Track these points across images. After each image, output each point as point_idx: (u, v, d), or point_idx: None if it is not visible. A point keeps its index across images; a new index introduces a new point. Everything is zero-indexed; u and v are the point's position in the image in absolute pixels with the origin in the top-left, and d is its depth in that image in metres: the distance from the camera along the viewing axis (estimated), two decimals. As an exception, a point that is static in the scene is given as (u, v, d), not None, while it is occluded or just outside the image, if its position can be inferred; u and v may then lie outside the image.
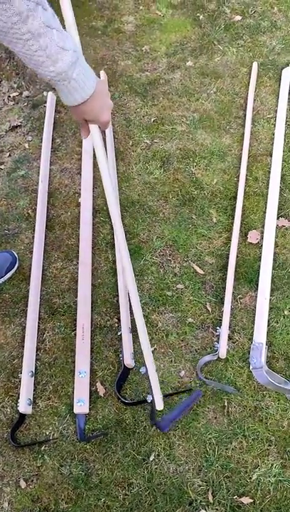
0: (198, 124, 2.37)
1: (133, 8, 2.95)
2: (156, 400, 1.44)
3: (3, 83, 2.73)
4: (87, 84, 0.97)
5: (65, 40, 0.89)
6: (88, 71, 0.97)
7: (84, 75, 0.95)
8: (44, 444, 1.58)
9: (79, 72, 0.93)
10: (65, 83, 0.93)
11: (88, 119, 1.09)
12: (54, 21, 0.87)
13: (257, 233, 2.01)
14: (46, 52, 0.87)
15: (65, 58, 0.89)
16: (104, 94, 1.07)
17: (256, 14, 2.86)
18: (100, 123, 1.11)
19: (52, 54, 0.87)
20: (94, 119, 1.08)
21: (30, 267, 1.93)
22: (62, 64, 0.89)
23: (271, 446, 1.56)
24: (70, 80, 0.93)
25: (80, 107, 1.02)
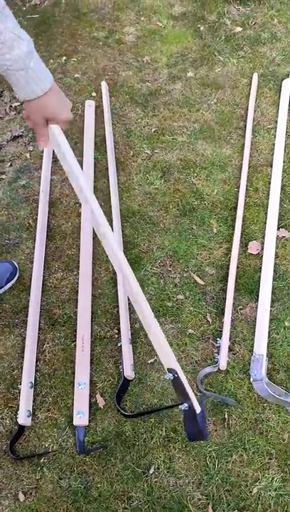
0: (199, 135, 2.38)
1: (134, 20, 2.98)
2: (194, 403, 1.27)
3: (4, 93, 2.75)
4: (45, 76, 0.96)
5: (20, 30, 0.89)
6: (44, 65, 0.95)
7: (40, 66, 0.94)
8: (43, 457, 1.57)
9: (36, 63, 0.92)
10: (22, 73, 0.91)
11: (49, 117, 1.05)
12: (7, 9, 0.87)
13: (258, 244, 2.01)
14: (1, 39, 0.86)
15: (22, 46, 0.89)
16: (61, 92, 1.04)
17: (256, 26, 2.88)
18: (61, 121, 1.07)
19: (7, 40, 0.87)
20: (55, 115, 1.04)
21: (30, 277, 1.93)
22: (18, 51, 0.88)
23: (271, 459, 1.55)
24: (28, 69, 0.91)
25: (41, 101, 0.98)
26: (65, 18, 3.00)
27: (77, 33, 2.92)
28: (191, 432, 1.28)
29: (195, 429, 1.25)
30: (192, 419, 1.24)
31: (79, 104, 2.54)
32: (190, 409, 1.21)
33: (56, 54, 2.79)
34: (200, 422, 1.21)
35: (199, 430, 1.24)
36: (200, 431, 1.24)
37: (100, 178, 2.24)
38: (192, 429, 1.26)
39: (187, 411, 1.22)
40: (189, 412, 1.22)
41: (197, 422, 1.23)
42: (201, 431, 1.23)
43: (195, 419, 1.22)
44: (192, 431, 1.27)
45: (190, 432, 1.28)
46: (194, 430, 1.26)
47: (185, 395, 1.23)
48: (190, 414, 1.23)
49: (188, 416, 1.25)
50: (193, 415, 1.22)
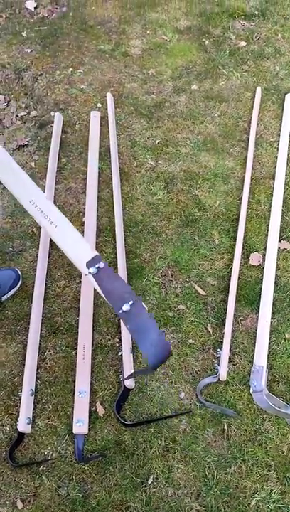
0: (202, 147, 2.41)
1: (140, 33, 3.02)
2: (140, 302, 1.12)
3: (11, 103, 2.79)
4: None
5: None
6: None
7: None
8: (42, 464, 1.57)
9: None
10: None
11: None
12: None
13: (259, 255, 2.02)
14: None
15: None
16: None
17: (260, 40, 2.92)
18: None
19: None
20: None
21: (33, 284, 1.94)
22: None
23: (270, 471, 1.55)
24: None
25: None
26: (72, 31, 3.05)
27: (84, 45, 2.96)
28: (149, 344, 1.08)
29: (154, 337, 1.08)
30: (144, 321, 1.10)
31: (84, 115, 2.57)
32: (135, 306, 1.10)
33: (63, 65, 2.83)
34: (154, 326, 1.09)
35: (159, 337, 1.09)
36: (160, 338, 1.09)
37: (104, 188, 2.26)
38: (147, 338, 1.08)
39: (132, 310, 1.09)
40: (137, 310, 1.10)
41: (153, 325, 1.09)
42: (162, 338, 1.09)
43: (150, 320, 1.10)
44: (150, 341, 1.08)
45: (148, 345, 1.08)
46: (151, 339, 1.08)
47: (125, 287, 1.14)
48: (139, 315, 1.10)
49: (137, 319, 1.10)
50: (144, 315, 1.10)
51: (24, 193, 1.27)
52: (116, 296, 1.14)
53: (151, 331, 1.08)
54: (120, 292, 1.14)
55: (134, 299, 1.11)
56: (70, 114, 2.59)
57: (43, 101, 2.69)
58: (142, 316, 1.10)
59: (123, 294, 1.13)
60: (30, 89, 2.78)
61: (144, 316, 1.10)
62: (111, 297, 1.15)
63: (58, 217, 1.25)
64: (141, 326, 1.09)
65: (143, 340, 1.08)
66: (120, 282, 1.16)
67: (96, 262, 1.16)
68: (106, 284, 1.16)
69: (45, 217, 1.24)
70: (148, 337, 1.08)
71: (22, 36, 3.05)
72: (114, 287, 1.15)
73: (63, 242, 1.24)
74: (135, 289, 1.94)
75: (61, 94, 2.69)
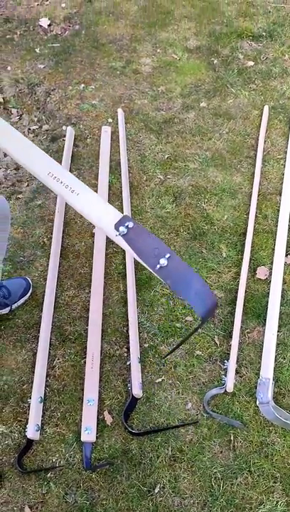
0: (210, 162, 2.46)
1: (150, 51, 3.11)
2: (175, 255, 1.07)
3: (23, 116, 2.86)
4: None
5: None
6: None
7: None
8: (50, 471, 1.58)
9: None
10: None
11: None
12: None
13: (266, 269, 2.06)
14: None
15: None
16: None
17: (268, 60, 2.99)
18: None
19: None
20: None
21: (43, 293, 1.97)
22: None
23: (276, 483, 1.56)
24: None
25: None
26: (84, 48, 3.13)
27: (96, 62, 3.04)
28: (194, 295, 1.02)
29: (199, 286, 1.02)
30: (184, 273, 1.03)
31: (95, 130, 2.64)
32: (173, 260, 1.03)
33: (75, 81, 2.91)
34: (196, 275, 1.02)
35: (203, 285, 1.03)
36: (205, 286, 1.03)
37: (114, 201, 2.31)
38: (191, 288, 1.02)
39: (170, 265, 1.02)
40: (176, 264, 1.03)
41: (195, 275, 1.03)
42: (207, 287, 1.03)
43: (191, 270, 1.03)
44: (195, 291, 1.02)
45: (193, 296, 1.02)
46: (197, 288, 1.02)
47: (158, 243, 1.06)
48: (179, 268, 1.03)
49: (176, 272, 1.02)
50: (184, 266, 1.03)
51: (41, 167, 1.26)
52: (150, 254, 1.06)
53: (193, 281, 1.02)
54: (153, 248, 1.06)
55: (170, 252, 1.04)
56: (82, 128, 2.66)
57: (55, 115, 2.76)
58: (181, 267, 1.03)
59: (157, 249, 1.06)
60: (42, 104, 2.85)
61: (183, 267, 1.03)
62: (145, 255, 1.07)
63: (79, 185, 1.21)
64: (183, 277, 1.02)
65: (187, 292, 1.01)
66: (152, 238, 1.08)
67: (125, 222, 1.09)
68: (138, 243, 1.09)
69: (66, 186, 1.22)
70: (192, 287, 1.01)
71: (36, 52, 3.13)
72: (146, 245, 1.07)
73: (88, 208, 1.18)
74: (143, 300, 1.97)
75: (73, 109, 2.76)
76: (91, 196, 1.18)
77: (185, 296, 1.01)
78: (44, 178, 1.24)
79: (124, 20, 3.35)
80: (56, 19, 3.39)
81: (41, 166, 1.25)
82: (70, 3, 3.53)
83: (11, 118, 2.82)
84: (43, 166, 1.25)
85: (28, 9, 3.51)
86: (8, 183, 2.46)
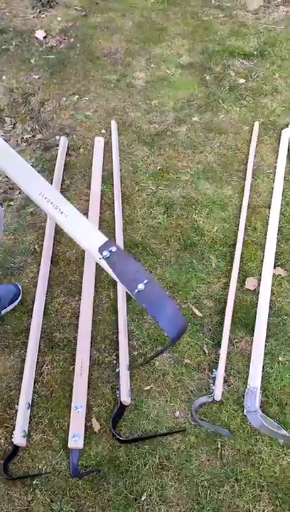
0: (201, 175, 2.50)
1: (144, 66, 3.17)
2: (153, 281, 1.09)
3: (17, 125, 2.88)
4: None
5: None
6: None
7: None
8: (36, 478, 1.57)
9: None
10: None
11: None
12: None
13: (255, 280, 2.08)
14: None
15: None
16: None
17: (258, 78, 3.07)
18: None
19: None
20: None
21: (33, 300, 1.97)
22: None
23: (262, 491, 1.56)
24: None
25: None
26: (79, 61, 3.18)
27: (90, 74, 3.09)
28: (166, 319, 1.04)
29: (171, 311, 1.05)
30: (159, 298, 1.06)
31: (89, 140, 2.67)
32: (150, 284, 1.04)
33: (69, 92, 2.95)
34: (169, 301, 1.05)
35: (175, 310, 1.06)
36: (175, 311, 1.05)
37: (106, 210, 2.33)
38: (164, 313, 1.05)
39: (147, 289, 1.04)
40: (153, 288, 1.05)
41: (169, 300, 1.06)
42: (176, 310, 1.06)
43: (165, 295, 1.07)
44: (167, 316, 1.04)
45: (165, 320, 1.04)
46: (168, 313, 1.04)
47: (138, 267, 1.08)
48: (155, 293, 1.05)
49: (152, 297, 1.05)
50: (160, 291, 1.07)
51: (33, 186, 1.30)
52: (130, 278, 1.10)
53: (166, 306, 1.05)
54: (133, 273, 1.10)
55: (148, 277, 1.07)
56: (75, 138, 2.69)
57: (48, 125, 2.78)
58: (156, 292, 1.06)
59: (136, 274, 1.09)
60: (36, 114, 2.88)
61: (158, 292, 1.07)
62: (125, 279, 1.11)
63: (68, 207, 1.25)
64: (157, 302, 1.05)
65: (160, 315, 1.04)
66: (132, 263, 1.12)
67: (109, 246, 1.13)
68: (119, 267, 1.12)
69: (55, 208, 1.26)
70: (165, 312, 1.05)
71: (31, 63, 3.17)
72: (126, 269, 1.11)
73: (75, 231, 1.23)
74: (133, 308, 1.98)
75: (67, 120, 2.79)
76: (78, 219, 1.22)
77: (158, 318, 1.04)
78: (36, 198, 1.28)
79: (119, 35, 3.42)
80: (52, 31, 3.45)
81: (34, 186, 1.29)
82: (65, 16, 3.60)
83: (4, 127, 2.84)
84: (35, 187, 1.29)
85: (24, 21, 3.56)
86: (0, 190, 2.47)
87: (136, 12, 3.66)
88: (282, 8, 3.74)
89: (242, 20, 3.59)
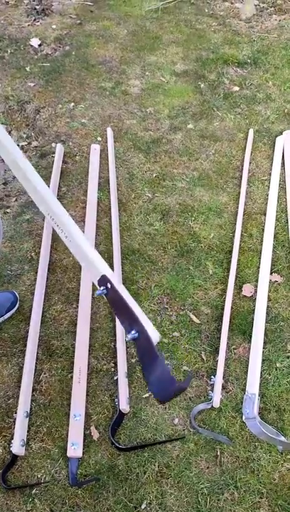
0: (197, 182, 2.52)
1: (139, 74, 3.19)
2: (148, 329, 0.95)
3: (12, 133, 2.88)
4: None
5: None
6: None
7: None
8: (35, 487, 1.56)
9: None
10: None
11: None
12: None
13: (251, 287, 2.10)
14: None
15: None
16: None
17: (252, 86, 3.10)
18: None
19: None
20: None
21: (30, 307, 1.97)
22: None
23: (262, 498, 1.56)
24: None
25: None
26: (74, 68, 3.20)
27: (86, 82, 3.10)
28: (154, 378, 0.90)
29: (159, 372, 0.90)
30: (149, 354, 0.91)
31: (84, 147, 2.68)
32: (141, 336, 0.91)
33: (65, 100, 2.96)
34: (159, 359, 0.90)
35: (163, 371, 0.88)
36: (164, 371, 0.88)
37: (103, 217, 2.33)
38: (152, 371, 0.90)
39: (139, 340, 0.92)
40: (143, 342, 0.91)
41: (157, 359, 0.90)
42: (166, 371, 0.89)
43: (154, 354, 0.91)
44: (155, 375, 0.90)
45: (152, 380, 0.91)
46: (157, 373, 0.90)
47: (130, 315, 0.96)
48: (145, 347, 0.91)
49: (143, 350, 0.92)
50: (150, 348, 0.91)
51: (43, 205, 1.29)
52: (124, 320, 1.03)
53: (157, 365, 0.92)
54: (126, 318, 1.02)
55: (138, 329, 0.96)
56: (71, 145, 2.69)
57: (44, 132, 2.79)
58: (149, 348, 0.94)
59: (128, 320, 1.00)
60: (32, 121, 2.88)
61: (151, 348, 0.94)
62: (120, 321, 1.05)
63: (72, 231, 1.21)
64: (148, 358, 0.94)
65: (148, 373, 0.93)
66: (126, 307, 1.02)
67: (105, 282, 1.07)
68: (116, 305, 1.06)
69: (61, 231, 1.24)
70: (155, 372, 0.92)
71: (26, 71, 3.18)
72: (121, 309, 1.03)
73: (77, 257, 1.21)
74: (131, 316, 1.98)
75: (62, 127, 2.80)
76: (80, 245, 1.17)
77: (146, 376, 0.93)
78: (45, 215, 1.28)
79: (114, 43, 3.44)
80: (47, 39, 3.46)
81: (43, 205, 1.28)
82: (60, 24, 3.62)
83: (0, 134, 2.84)
84: (44, 206, 1.28)
85: (19, 29, 3.57)
86: (-3, 198, 2.47)
87: (131, 20, 3.69)
88: (275, 16, 3.79)
89: (235, 28, 3.63)
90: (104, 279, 1.08)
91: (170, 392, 0.90)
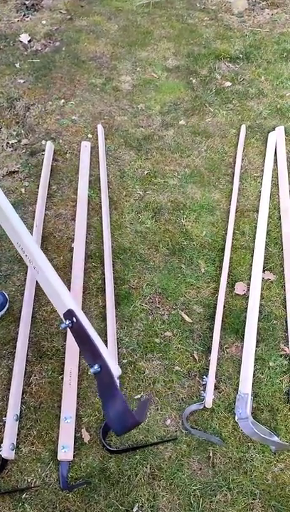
0: (189, 179, 2.49)
1: (130, 69, 3.15)
2: (109, 363, 1.02)
3: (2, 130, 2.84)
4: None
5: None
6: None
7: None
8: (25, 492, 1.54)
9: None
10: None
11: None
12: None
13: (244, 285, 2.07)
14: None
15: None
16: None
17: (244, 81, 3.07)
18: None
19: None
20: None
21: (20, 308, 1.94)
22: None
23: (255, 499, 1.55)
24: None
25: None
26: (64, 65, 3.15)
27: (76, 78, 3.06)
28: (111, 413, 0.94)
29: (117, 406, 0.93)
30: (110, 389, 0.95)
31: (75, 145, 2.64)
32: (103, 371, 0.95)
33: (55, 97, 2.92)
34: (119, 394, 0.92)
35: (122, 406, 0.91)
36: (122, 406, 0.91)
37: (93, 216, 2.30)
38: (111, 406, 0.93)
39: (100, 374, 0.95)
40: (104, 377, 0.95)
41: (117, 393, 0.93)
42: (124, 406, 0.90)
43: (114, 388, 0.94)
44: (113, 410, 0.93)
45: (110, 414, 0.94)
46: (115, 408, 0.93)
47: (93, 349, 0.99)
48: (106, 382, 0.95)
49: (104, 385, 0.96)
50: (110, 383, 0.95)
51: (13, 234, 1.29)
52: (86, 355, 1.08)
53: (116, 401, 0.95)
54: (89, 352, 1.06)
55: (100, 363, 0.99)
56: (61, 143, 2.66)
57: (34, 130, 2.75)
58: (110, 383, 0.99)
59: (91, 354, 1.04)
60: (21, 118, 2.84)
61: (112, 384, 0.98)
62: (83, 355, 1.11)
63: (39, 262, 1.25)
64: (108, 392, 0.98)
65: (107, 406, 0.97)
66: (90, 342, 1.06)
67: (70, 316, 1.13)
68: (79, 340, 1.11)
69: (30, 261, 1.26)
70: (114, 406, 0.95)
71: (15, 67, 3.14)
72: (84, 346, 1.08)
73: (45, 290, 1.25)
74: (122, 316, 1.96)
75: (52, 124, 2.77)
76: (48, 278, 1.23)
77: (105, 410, 0.96)
78: (15, 244, 1.28)
79: (105, 38, 3.40)
80: (36, 35, 3.42)
81: (14, 234, 1.28)
82: (50, 20, 3.57)
83: (-11, 131, 2.80)
84: (16, 238, 1.27)
85: (9, 25, 3.52)
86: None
87: (122, 15, 3.65)
88: (267, 11, 3.75)
89: (227, 23, 3.60)
90: (70, 313, 1.13)
91: (129, 427, 0.94)
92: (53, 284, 1.23)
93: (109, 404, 0.96)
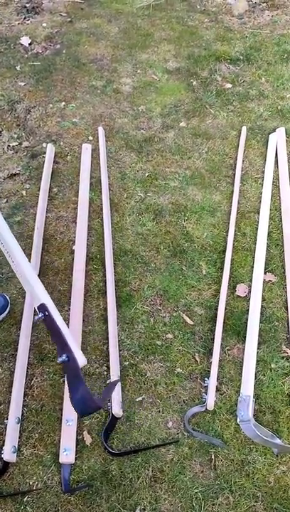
0: (190, 181, 2.49)
1: (131, 72, 3.15)
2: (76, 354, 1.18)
3: (3, 133, 2.84)
4: None
5: None
6: None
7: None
8: (27, 495, 1.53)
9: None
10: None
11: None
12: None
13: (245, 287, 2.07)
14: None
15: None
16: None
17: (245, 83, 3.07)
18: None
19: None
20: None
21: (21, 311, 1.94)
22: None
23: (257, 502, 1.55)
24: None
25: None
26: (65, 67, 3.16)
27: (77, 80, 3.07)
28: (76, 397, 1.08)
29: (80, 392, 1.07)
30: (75, 376, 1.10)
31: (76, 147, 2.64)
32: (70, 360, 1.10)
33: (55, 99, 2.92)
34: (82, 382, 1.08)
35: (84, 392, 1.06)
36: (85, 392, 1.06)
37: (94, 218, 2.30)
38: (76, 392, 1.08)
39: (68, 363, 1.10)
40: (71, 365, 1.09)
41: (81, 381, 1.08)
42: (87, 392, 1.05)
43: (79, 376, 1.09)
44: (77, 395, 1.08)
45: (75, 397, 1.09)
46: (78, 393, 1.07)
47: (62, 341, 1.15)
48: (72, 370, 1.10)
49: (71, 372, 1.10)
50: (76, 371, 1.09)
51: None
52: (57, 346, 1.22)
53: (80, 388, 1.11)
54: (58, 343, 1.21)
55: (68, 354, 1.15)
56: (62, 145, 2.66)
57: (35, 132, 2.75)
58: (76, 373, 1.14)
59: (60, 345, 1.19)
60: (22, 121, 2.85)
61: (78, 374, 1.14)
62: (56, 343, 1.23)
63: (19, 259, 1.38)
64: (74, 381, 1.13)
65: (72, 391, 1.12)
66: (59, 334, 1.21)
67: (42, 309, 1.24)
68: (51, 332, 1.25)
69: (9, 256, 1.34)
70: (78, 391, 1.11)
71: (16, 70, 3.14)
72: (55, 337, 1.23)
73: (23, 283, 1.37)
74: (123, 318, 1.96)
75: (53, 127, 2.77)
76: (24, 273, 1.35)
77: (70, 394, 1.11)
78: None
79: (105, 41, 3.40)
80: (37, 38, 3.42)
81: None
82: (50, 22, 3.58)
83: (-10, 134, 2.81)
84: None
85: (9, 27, 3.53)
86: (-13, 199, 2.44)
87: (122, 18, 3.66)
88: (267, 12, 3.75)
89: (227, 25, 3.60)
90: (43, 307, 1.25)
91: (89, 410, 1.13)
92: (28, 278, 1.33)
93: (74, 390, 1.10)
